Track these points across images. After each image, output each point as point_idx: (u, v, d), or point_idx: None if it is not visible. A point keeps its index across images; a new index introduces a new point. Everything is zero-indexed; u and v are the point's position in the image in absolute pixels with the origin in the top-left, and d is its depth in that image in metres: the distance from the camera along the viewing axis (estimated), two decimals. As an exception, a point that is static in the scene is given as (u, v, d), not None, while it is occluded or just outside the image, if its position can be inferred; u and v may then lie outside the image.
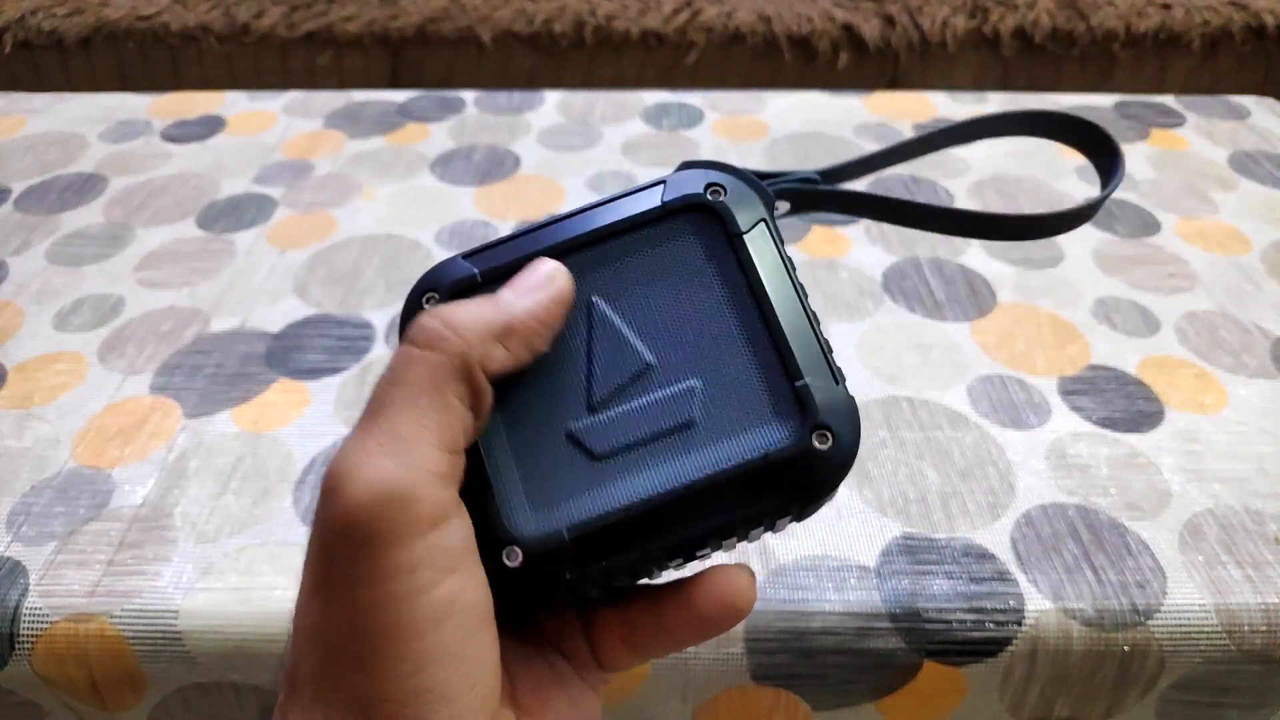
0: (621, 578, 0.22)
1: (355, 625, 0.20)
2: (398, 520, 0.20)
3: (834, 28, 1.13)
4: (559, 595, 0.22)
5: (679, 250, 0.24)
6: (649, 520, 0.21)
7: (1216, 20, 1.14)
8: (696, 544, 0.22)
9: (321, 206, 0.62)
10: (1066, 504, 0.42)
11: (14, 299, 0.54)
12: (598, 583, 0.22)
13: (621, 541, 0.21)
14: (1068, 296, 0.54)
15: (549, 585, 0.21)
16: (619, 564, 0.21)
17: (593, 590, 0.22)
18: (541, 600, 0.22)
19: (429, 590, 0.20)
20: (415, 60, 1.15)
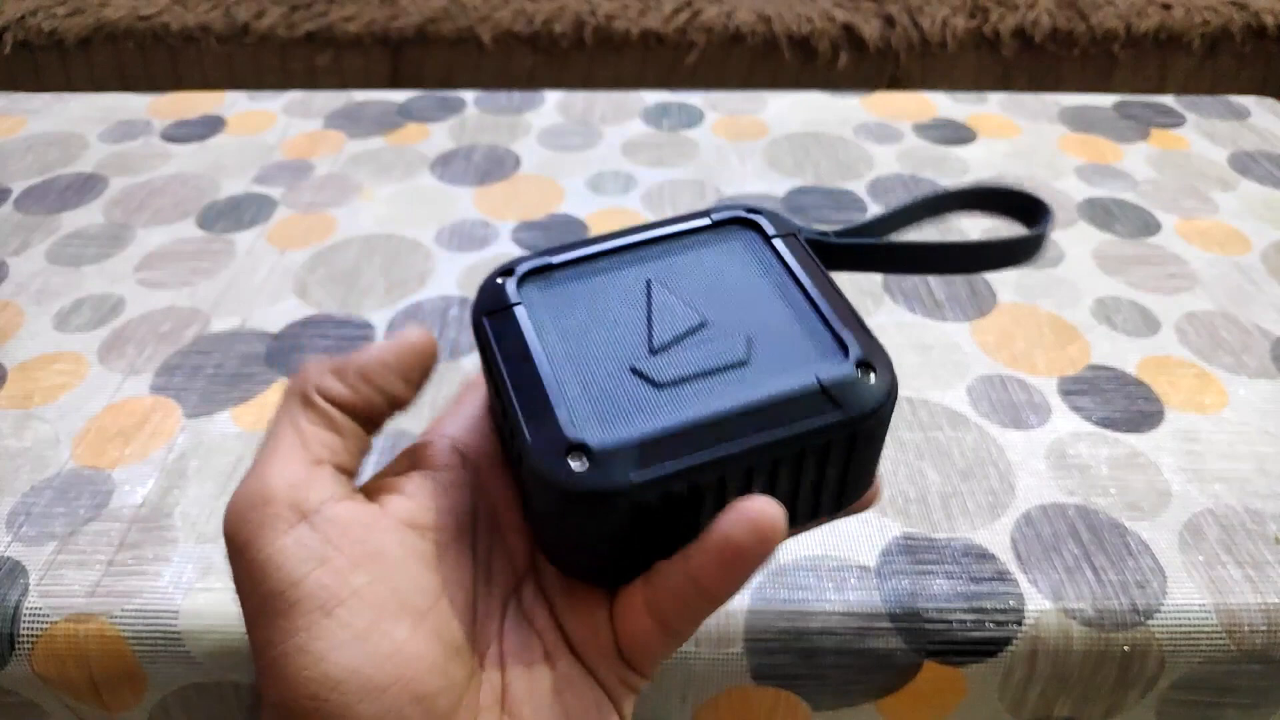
0: (679, 484, 0.22)
1: (259, 629, 0.22)
2: (253, 526, 0.22)
3: (834, 28, 1.13)
4: (621, 503, 0.22)
5: (724, 248, 0.27)
6: (709, 431, 0.23)
7: (1216, 20, 1.14)
8: (753, 459, 0.23)
9: (321, 206, 0.62)
10: (1066, 504, 0.42)
11: (14, 299, 0.54)
12: (659, 487, 0.22)
13: (682, 449, 0.22)
14: (1068, 296, 0.54)
15: (613, 489, 0.22)
16: (679, 470, 0.22)
17: (652, 495, 0.22)
18: (603, 508, 0.22)
19: (301, 581, 0.21)
20: (415, 60, 1.15)
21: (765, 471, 0.23)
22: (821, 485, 0.24)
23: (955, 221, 0.61)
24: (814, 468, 0.24)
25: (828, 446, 0.23)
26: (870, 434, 0.24)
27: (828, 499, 0.25)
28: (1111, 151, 0.70)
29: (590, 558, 0.24)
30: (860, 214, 0.62)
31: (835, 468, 0.24)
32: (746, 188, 0.65)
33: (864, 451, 0.24)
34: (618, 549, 0.23)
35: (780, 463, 0.23)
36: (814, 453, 0.23)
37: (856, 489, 0.25)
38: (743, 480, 0.23)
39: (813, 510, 0.25)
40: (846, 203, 0.63)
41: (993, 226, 0.61)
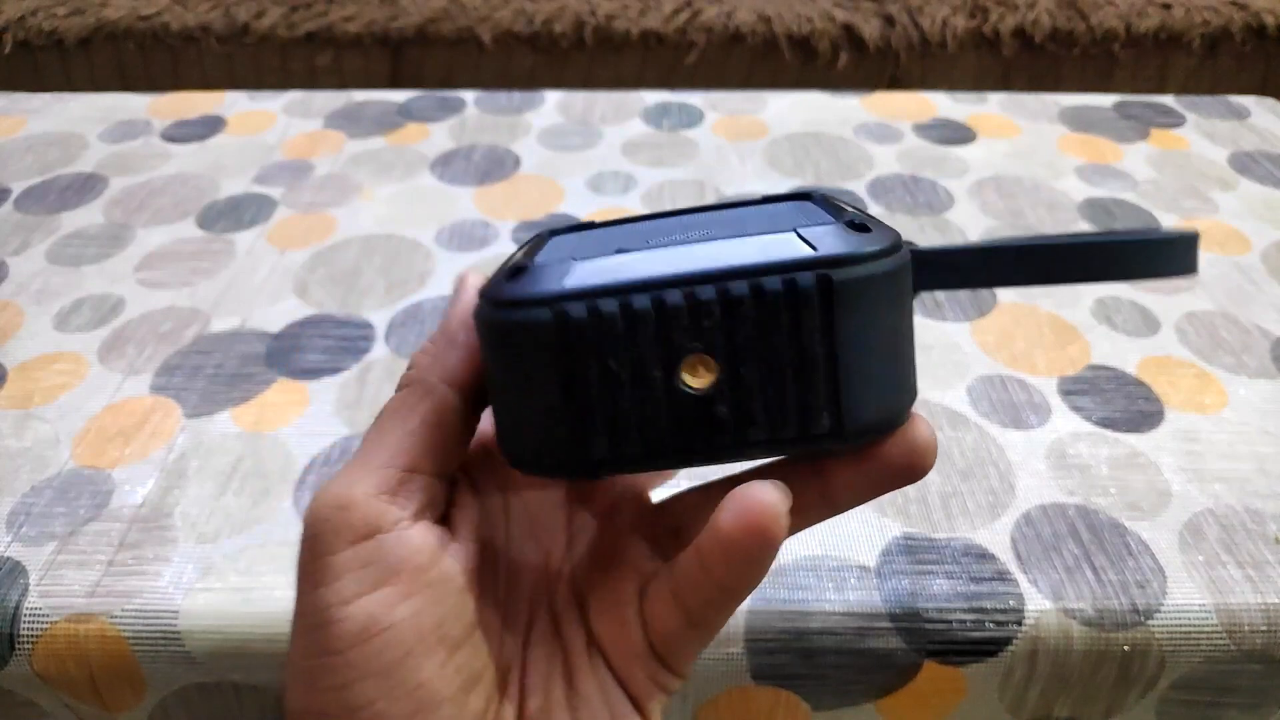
0: (610, 302, 0.20)
1: (297, 632, 0.22)
2: (329, 527, 0.21)
3: (834, 28, 1.13)
4: (543, 315, 0.20)
5: (769, 208, 0.25)
6: (658, 258, 0.20)
7: (1216, 20, 1.14)
8: (701, 284, 0.20)
9: (321, 206, 0.62)
10: (1066, 504, 0.42)
11: (14, 299, 0.54)
12: (587, 300, 0.20)
13: (622, 270, 0.20)
14: (1067, 296, 0.54)
15: (538, 296, 0.20)
16: (612, 285, 0.20)
17: (580, 311, 0.20)
18: (531, 323, 0.20)
19: (352, 600, 0.21)
20: (415, 60, 1.15)
21: (721, 315, 0.20)
22: (805, 369, 0.20)
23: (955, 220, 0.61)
24: (787, 333, 0.20)
25: (798, 300, 0.20)
26: (859, 297, 0.20)
27: (820, 397, 0.20)
28: (1111, 151, 0.70)
29: (539, 419, 0.21)
30: (860, 214, 0.62)
31: (816, 340, 0.20)
32: (746, 188, 0.65)
33: (856, 323, 0.20)
34: (559, 397, 0.21)
35: (739, 308, 0.20)
36: (785, 306, 0.20)
37: (860, 392, 0.20)
38: (691, 321, 0.20)
39: (804, 414, 0.20)
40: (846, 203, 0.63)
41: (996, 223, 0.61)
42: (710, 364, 0.20)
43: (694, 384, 0.20)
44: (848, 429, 0.20)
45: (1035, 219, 0.62)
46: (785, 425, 0.20)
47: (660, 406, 0.20)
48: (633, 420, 0.20)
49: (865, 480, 0.22)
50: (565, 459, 0.21)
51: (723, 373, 0.20)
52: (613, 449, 0.21)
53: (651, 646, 0.23)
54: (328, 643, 0.21)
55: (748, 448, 0.21)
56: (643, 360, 0.20)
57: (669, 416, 0.20)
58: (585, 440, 0.21)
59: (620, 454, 0.21)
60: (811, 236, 0.20)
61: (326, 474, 0.43)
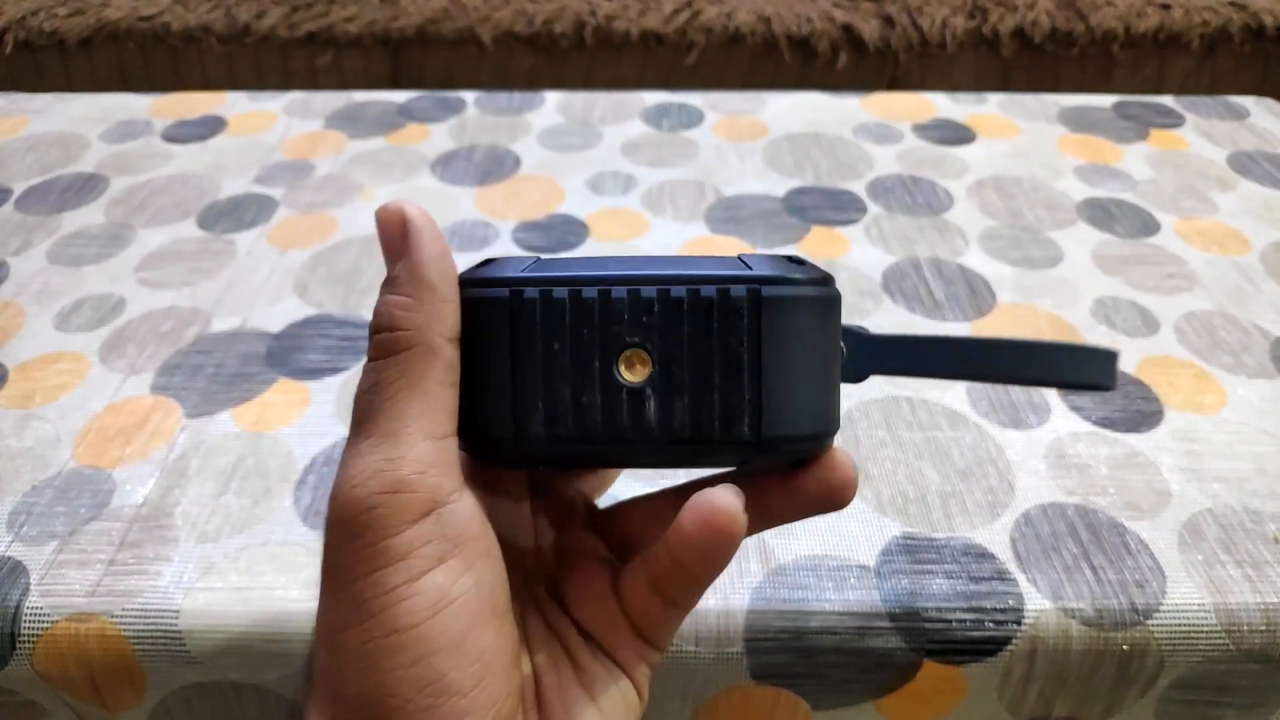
0: (561, 289, 0.22)
1: (354, 617, 0.21)
2: (385, 510, 0.21)
3: (834, 28, 1.13)
4: (500, 294, 0.22)
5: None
6: (610, 264, 0.22)
7: (1216, 20, 1.14)
8: (645, 284, 0.22)
9: (322, 207, 0.62)
10: (1066, 504, 0.42)
11: (15, 299, 0.54)
12: (540, 286, 0.22)
13: (578, 268, 0.22)
14: (1067, 296, 0.54)
15: (496, 278, 0.22)
16: (564, 276, 0.22)
17: (533, 292, 0.22)
18: (487, 303, 0.22)
19: (420, 577, 0.21)
20: (415, 61, 1.15)
21: (659, 313, 0.22)
22: (730, 374, 0.22)
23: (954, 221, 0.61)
24: (717, 338, 0.22)
25: (729, 307, 0.22)
26: (785, 313, 0.22)
27: (743, 402, 0.22)
28: (1111, 152, 0.70)
29: (488, 399, 0.23)
30: (860, 214, 0.62)
31: (743, 348, 0.22)
32: (746, 188, 0.65)
33: (780, 338, 0.22)
34: (506, 374, 0.22)
35: (676, 309, 0.22)
36: (717, 312, 0.22)
37: (780, 406, 0.22)
38: (631, 315, 0.22)
39: (726, 417, 0.22)
40: (846, 203, 0.63)
41: (993, 228, 0.61)
42: (646, 360, 0.22)
43: (629, 377, 0.22)
44: (765, 437, 0.22)
45: (1034, 219, 0.62)
46: (709, 425, 0.22)
47: (595, 392, 0.22)
48: (569, 403, 0.22)
49: (791, 503, 0.25)
50: (507, 439, 0.23)
51: (656, 369, 0.22)
52: (549, 428, 0.22)
53: (634, 627, 0.25)
54: (398, 620, 0.21)
55: (672, 444, 0.22)
56: (584, 346, 0.22)
57: (603, 404, 0.22)
58: (524, 417, 0.22)
59: (554, 434, 0.22)
60: (751, 262, 0.23)
61: (327, 474, 0.43)
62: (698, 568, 0.23)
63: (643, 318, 0.22)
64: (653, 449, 0.23)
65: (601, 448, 0.23)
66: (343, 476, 0.21)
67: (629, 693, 0.25)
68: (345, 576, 0.21)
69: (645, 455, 0.23)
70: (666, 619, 0.25)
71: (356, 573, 0.21)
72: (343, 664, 0.21)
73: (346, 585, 0.21)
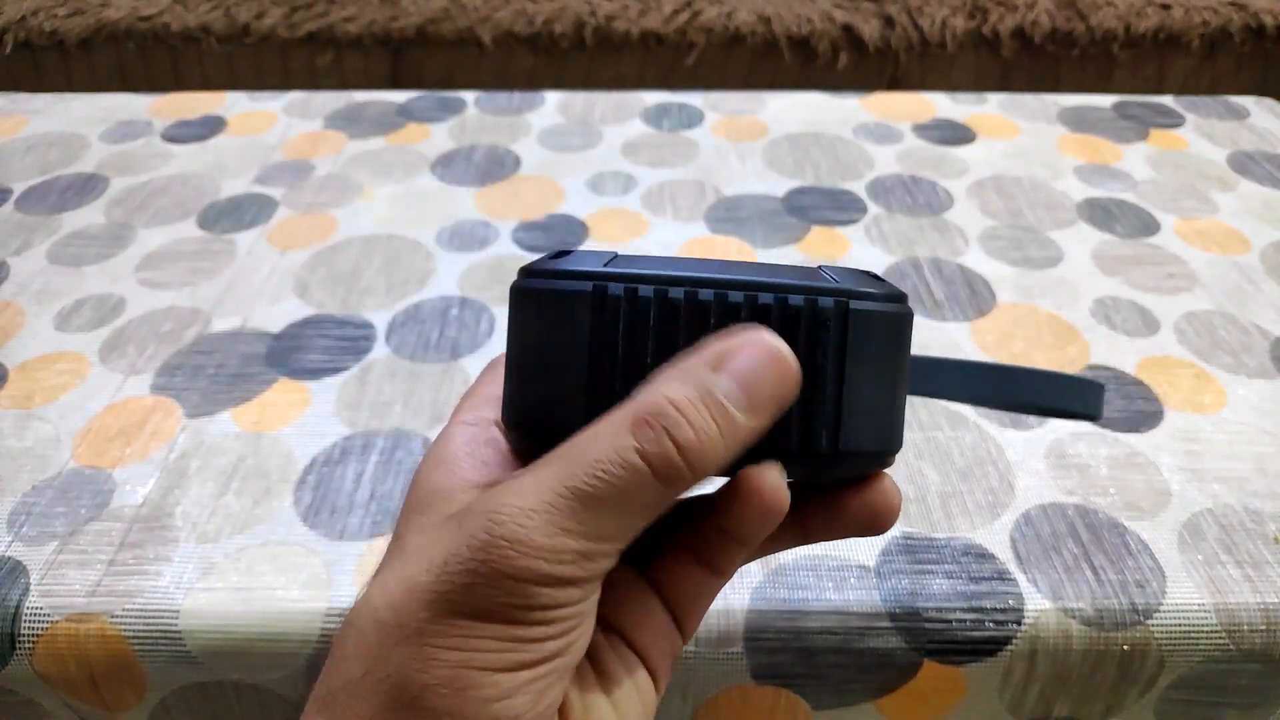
0: (646, 287, 0.22)
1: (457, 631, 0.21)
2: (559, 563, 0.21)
3: (834, 28, 1.13)
4: (582, 290, 0.22)
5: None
6: (695, 266, 0.22)
7: (1216, 20, 1.14)
8: (733, 289, 0.22)
9: (322, 207, 0.62)
10: (1066, 504, 0.42)
11: (15, 299, 0.54)
12: (625, 283, 0.22)
13: (660, 267, 0.22)
14: (1067, 296, 0.54)
15: (580, 271, 0.22)
16: (649, 274, 0.22)
17: (618, 290, 0.21)
18: (568, 296, 0.22)
19: (571, 633, 0.22)
20: (416, 61, 1.15)
21: (746, 320, 0.22)
22: (815, 387, 0.22)
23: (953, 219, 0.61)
24: (804, 348, 0.22)
25: (818, 319, 0.22)
26: (870, 328, 0.22)
27: (824, 415, 0.22)
28: (1111, 152, 0.70)
29: (557, 389, 0.22)
30: (860, 214, 0.62)
31: (829, 360, 0.22)
32: (746, 188, 0.65)
33: (863, 353, 0.22)
34: (584, 369, 0.22)
35: (764, 316, 0.22)
36: (805, 322, 0.22)
37: (857, 419, 0.22)
38: (718, 321, 0.21)
39: (807, 429, 0.22)
40: (846, 203, 0.63)
41: (992, 227, 0.61)
42: None
43: None
44: (841, 451, 0.22)
45: (1034, 219, 0.62)
46: (786, 434, 0.22)
47: None
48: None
49: (830, 523, 0.25)
50: (559, 428, 0.22)
51: None
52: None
53: (669, 608, 0.25)
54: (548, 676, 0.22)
55: (749, 454, 0.22)
56: (668, 348, 0.22)
57: None
58: (597, 413, 0.21)
59: None
60: (833, 274, 0.23)
61: (327, 473, 0.43)
62: (746, 536, 0.23)
63: (729, 323, 0.22)
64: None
65: None
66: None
67: (646, 690, 0.25)
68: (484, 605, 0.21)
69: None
70: (706, 592, 0.25)
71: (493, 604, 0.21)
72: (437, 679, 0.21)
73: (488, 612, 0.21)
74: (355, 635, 0.21)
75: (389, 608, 0.21)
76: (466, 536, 0.20)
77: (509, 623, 0.20)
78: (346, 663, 0.21)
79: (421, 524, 0.23)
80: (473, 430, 0.25)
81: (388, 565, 0.22)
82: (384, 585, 0.21)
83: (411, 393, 0.47)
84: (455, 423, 0.25)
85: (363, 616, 0.21)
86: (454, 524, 0.21)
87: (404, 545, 0.23)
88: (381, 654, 0.21)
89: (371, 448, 0.44)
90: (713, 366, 0.21)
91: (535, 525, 0.20)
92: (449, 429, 0.25)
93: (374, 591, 0.22)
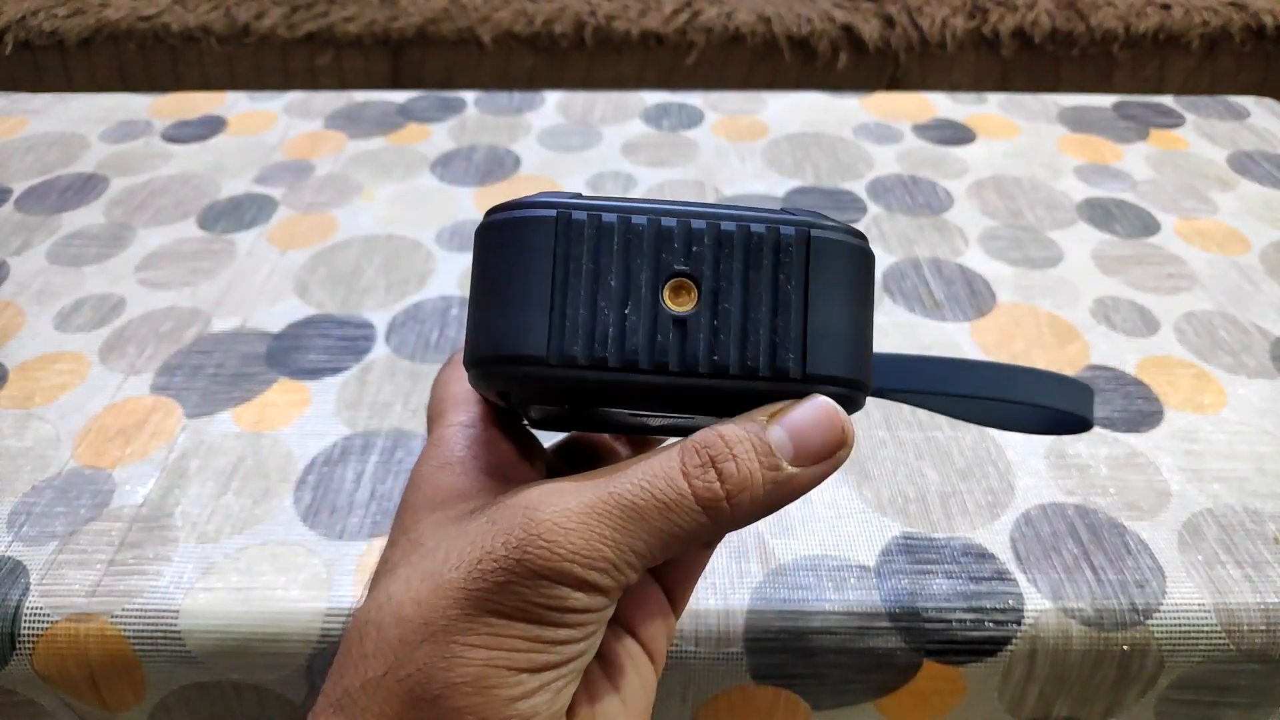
0: (610, 215, 0.22)
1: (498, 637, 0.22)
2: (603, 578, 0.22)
3: (833, 28, 1.13)
4: (546, 216, 0.22)
5: None
6: (669, 203, 0.22)
7: (1216, 20, 1.14)
8: (696, 218, 0.22)
9: (322, 207, 0.62)
10: (1066, 504, 0.42)
11: (14, 299, 0.54)
12: (589, 211, 0.22)
13: (626, 202, 0.22)
14: (1067, 296, 0.54)
15: (545, 200, 0.22)
16: (614, 205, 0.22)
17: (581, 215, 0.22)
18: (534, 223, 0.22)
19: (592, 636, 0.22)
20: (416, 61, 1.15)
21: (710, 245, 0.22)
22: (779, 309, 0.22)
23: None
24: (767, 273, 0.22)
25: (780, 245, 0.22)
26: (832, 257, 0.22)
27: (790, 338, 0.22)
28: (1111, 152, 0.70)
29: (523, 319, 0.22)
30: (860, 214, 0.62)
31: (792, 285, 0.22)
32: (746, 188, 0.65)
33: (826, 280, 0.22)
34: (549, 295, 0.22)
35: (727, 240, 0.22)
36: (768, 248, 0.22)
37: (824, 343, 0.23)
38: (681, 245, 0.22)
39: (774, 351, 0.22)
40: (846, 203, 0.63)
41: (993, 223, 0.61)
42: (693, 290, 0.22)
43: (675, 306, 0.22)
44: (810, 374, 0.22)
45: (1034, 219, 0.62)
46: (755, 358, 0.22)
47: (641, 319, 0.22)
48: (614, 328, 0.22)
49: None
50: (541, 359, 0.22)
51: (703, 300, 0.22)
52: (590, 354, 0.22)
53: (663, 587, 0.26)
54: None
55: (717, 377, 0.22)
56: (632, 272, 0.22)
57: (647, 331, 0.22)
58: (563, 338, 0.22)
59: (594, 357, 0.22)
60: (794, 211, 0.23)
61: (327, 473, 0.43)
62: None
63: (692, 248, 0.22)
64: (692, 383, 0.22)
65: (639, 379, 0.22)
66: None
67: (648, 675, 0.25)
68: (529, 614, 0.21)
69: (682, 393, 0.22)
70: (698, 565, 0.27)
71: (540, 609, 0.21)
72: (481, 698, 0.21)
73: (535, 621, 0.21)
74: (375, 634, 0.21)
75: (414, 604, 0.21)
76: (502, 533, 0.21)
77: (537, 623, 0.20)
78: (365, 662, 0.21)
79: (440, 521, 0.23)
80: (471, 431, 0.25)
81: (406, 562, 0.22)
82: (407, 582, 0.21)
83: (411, 393, 0.47)
84: (450, 425, 0.25)
85: (384, 614, 0.21)
86: (484, 520, 0.21)
87: (421, 542, 0.22)
88: (404, 652, 0.21)
89: (371, 448, 0.44)
90: (769, 416, 0.22)
91: (574, 528, 0.20)
92: (443, 432, 0.25)
93: (396, 589, 0.21)
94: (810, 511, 0.41)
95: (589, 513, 0.20)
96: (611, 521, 0.20)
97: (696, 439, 0.21)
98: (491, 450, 0.25)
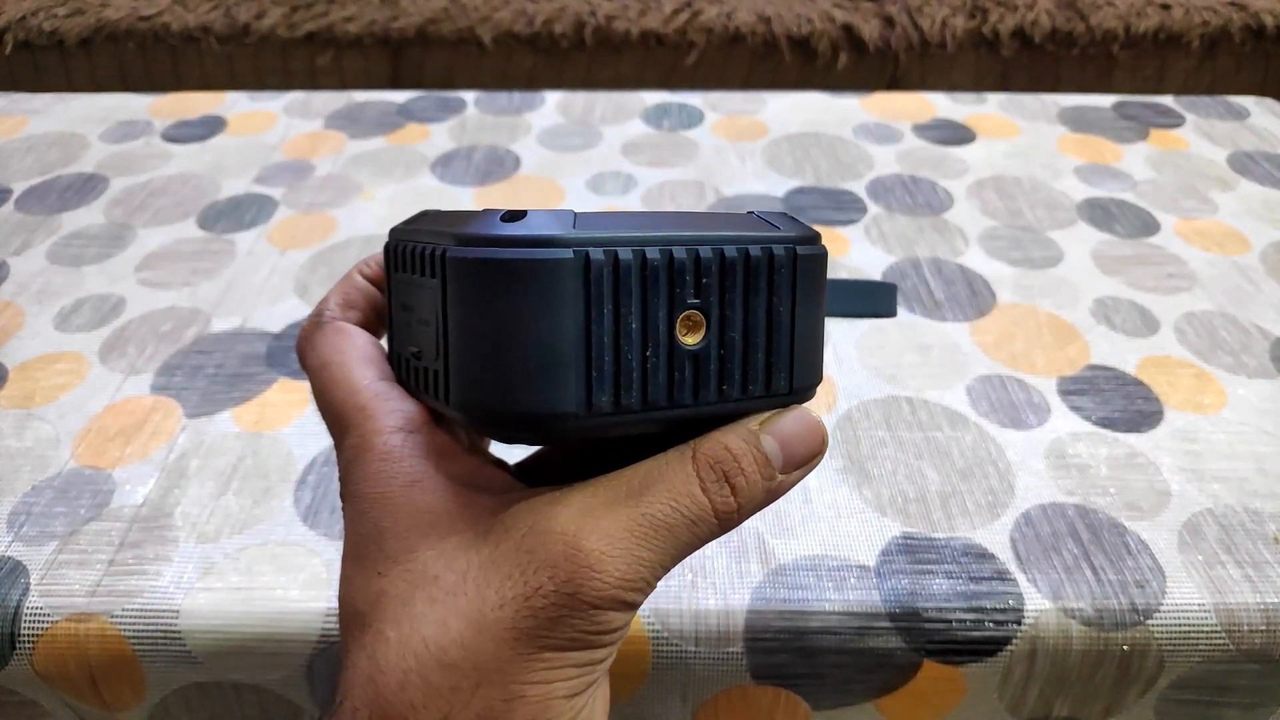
0: (622, 249, 0.21)
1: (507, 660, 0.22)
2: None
3: (834, 28, 1.13)
4: (562, 256, 0.20)
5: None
6: (646, 220, 0.22)
7: (1216, 20, 1.14)
8: (694, 242, 0.22)
9: (322, 207, 0.62)
10: (1066, 504, 0.42)
11: (15, 299, 0.54)
12: (601, 246, 0.20)
13: (618, 224, 0.21)
14: (1067, 297, 0.54)
15: (552, 238, 0.20)
16: (619, 237, 0.21)
17: (595, 252, 0.20)
18: (547, 266, 0.20)
19: (608, 655, 0.23)
20: (416, 61, 1.15)
21: (717, 274, 0.22)
22: (774, 331, 0.23)
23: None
24: (765, 296, 0.22)
25: (777, 269, 0.22)
26: (811, 270, 0.23)
27: (784, 358, 0.23)
28: (1111, 152, 0.70)
29: (537, 367, 0.21)
30: (860, 214, 0.62)
31: (786, 304, 0.23)
32: (746, 188, 0.65)
33: (807, 293, 0.23)
34: (573, 342, 0.21)
35: (731, 268, 0.22)
36: (768, 272, 0.22)
37: (805, 356, 0.23)
38: (693, 278, 0.21)
39: (770, 373, 0.23)
40: (846, 203, 0.63)
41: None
42: (700, 321, 0.22)
43: (687, 340, 0.22)
44: (796, 389, 0.23)
45: (1034, 219, 0.62)
46: (755, 382, 0.23)
47: (661, 359, 0.22)
48: (637, 372, 0.21)
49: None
50: (574, 415, 0.21)
51: (712, 331, 0.22)
52: (615, 402, 0.21)
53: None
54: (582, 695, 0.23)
55: (721, 403, 0.22)
56: (649, 311, 0.21)
57: (666, 370, 0.22)
58: (594, 394, 0.21)
59: (620, 405, 0.21)
60: (770, 219, 0.23)
61: (327, 473, 0.43)
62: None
63: (702, 279, 0.22)
64: (699, 412, 0.22)
65: (655, 416, 0.22)
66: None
67: (601, 682, 0.25)
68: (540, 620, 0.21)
69: (689, 421, 0.22)
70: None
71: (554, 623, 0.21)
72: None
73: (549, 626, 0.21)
74: (419, 683, 0.20)
75: (459, 648, 0.20)
76: (547, 567, 0.20)
77: (587, 649, 0.21)
78: (415, 715, 0.20)
79: (446, 550, 0.22)
80: (418, 439, 0.23)
81: (425, 599, 0.21)
82: (443, 625, 0.21)
83: (411, 393, 0.47)
84: (386, 432, 0.23)
85: (425, 662, 0.20)
86: (513, 550, 0.21)
87: (433, 575, 0.21)
88: (458, 699, 0.20)
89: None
90: (759, 424, 0.23)
91: (618, 554, 0.21)
92: (383, 441, 0.23)
93: (430, 633, 0.21)
94: (810, 511, 0.41)
95: (628, 537, 0.21)
96: (649, 544, 0.21)
97: (708, 454, 0.22)
98: (448, 458, 0.23)
